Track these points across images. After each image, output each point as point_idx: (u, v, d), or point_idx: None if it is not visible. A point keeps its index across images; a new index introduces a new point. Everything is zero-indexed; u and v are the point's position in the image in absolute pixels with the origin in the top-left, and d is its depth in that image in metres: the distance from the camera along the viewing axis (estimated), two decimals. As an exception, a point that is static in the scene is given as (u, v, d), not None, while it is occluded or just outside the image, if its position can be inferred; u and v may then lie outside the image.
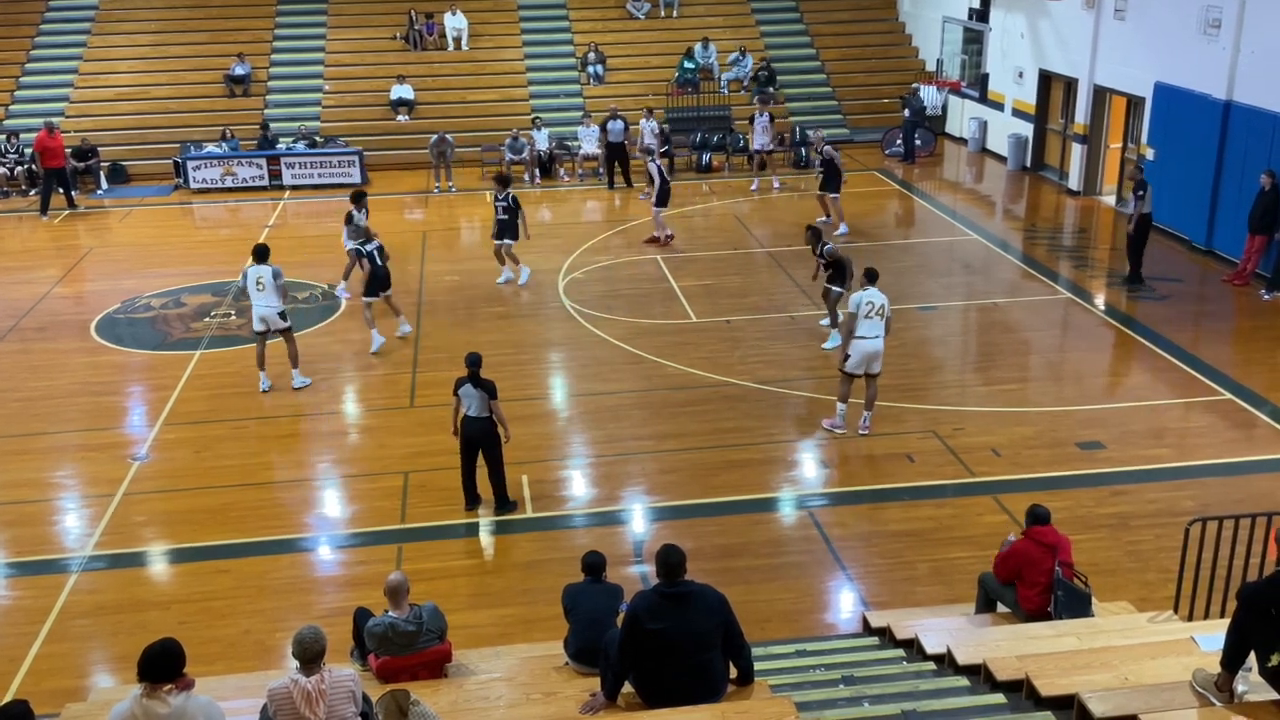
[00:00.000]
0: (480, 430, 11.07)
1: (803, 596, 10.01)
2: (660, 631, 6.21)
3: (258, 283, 13.78)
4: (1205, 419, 13.14)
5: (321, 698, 5.88)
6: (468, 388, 10.94)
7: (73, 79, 27.78)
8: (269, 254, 14.03)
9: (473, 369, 10.93)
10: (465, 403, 11.03)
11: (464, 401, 11.03)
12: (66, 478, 12.45)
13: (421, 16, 29.12)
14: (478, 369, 10.95)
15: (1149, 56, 20.29)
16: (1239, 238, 17.65)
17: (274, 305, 13.88)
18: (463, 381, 10.97)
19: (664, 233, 19.93)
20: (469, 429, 11.10)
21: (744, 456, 12.38)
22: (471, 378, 10.92)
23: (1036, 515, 8.39)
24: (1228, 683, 5.93)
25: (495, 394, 10.97)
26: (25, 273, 19.39)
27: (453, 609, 8.57)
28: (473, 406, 11.00)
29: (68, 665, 9.28)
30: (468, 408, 11.03)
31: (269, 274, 13.76)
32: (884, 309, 12.41)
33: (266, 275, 13.77)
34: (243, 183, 24.85)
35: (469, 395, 10.96)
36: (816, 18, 30.77)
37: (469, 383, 10.92)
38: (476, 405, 10.97)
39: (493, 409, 10.99)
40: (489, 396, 10.93)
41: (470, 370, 10.94)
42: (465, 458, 11.30)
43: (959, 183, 25.36)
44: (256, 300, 13.90)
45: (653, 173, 20.02)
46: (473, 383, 10.91)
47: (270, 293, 13.81)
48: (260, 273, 13.78)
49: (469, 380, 10.92)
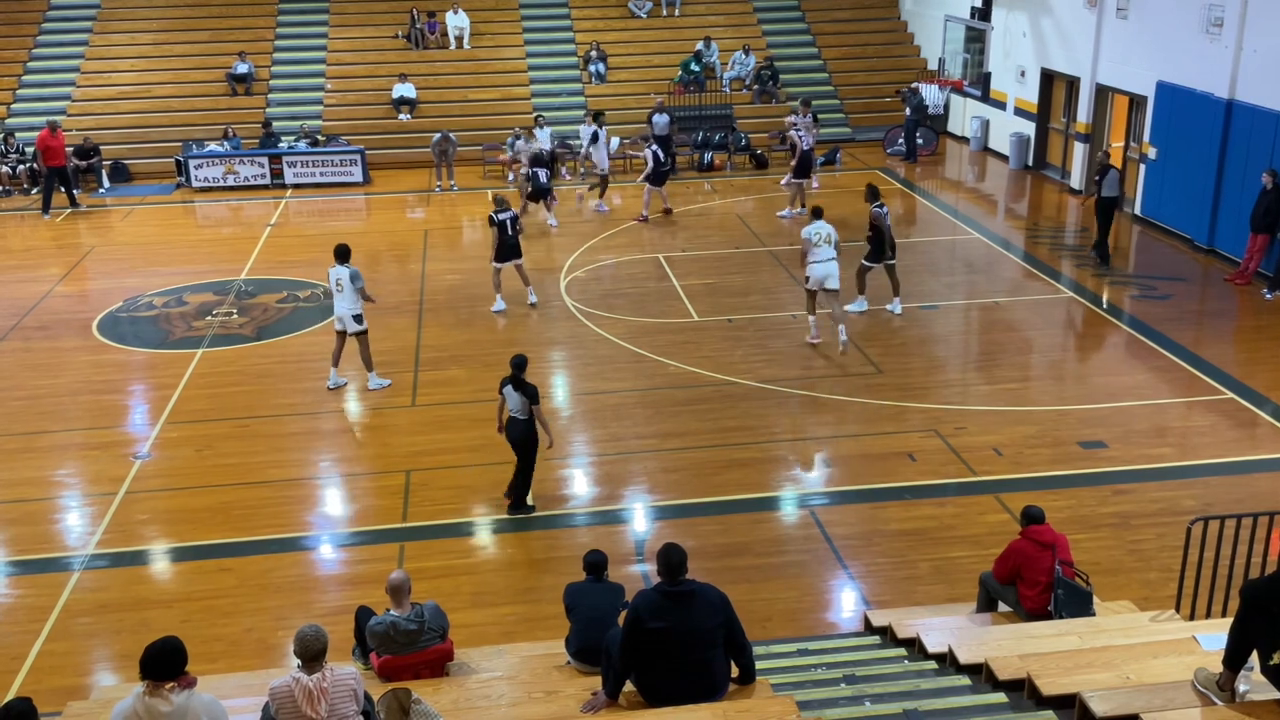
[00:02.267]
0: (519, 431, 11.06)
1: (804, 595, 10.01)
2: (662, 630, 6.21)
3: (337, 284, 13.69)
4: (1207, 418, 13.13)
5: (323, 696, 5.89)
6: (509, 389, 10.95)
7: (75, 77, 27.80)
8: (349, 254, 13.89)
9: (516, 371, 10.92)
10: (509, 402, 11.02)
11: (507, 401, 11.03)
12: (68, 476, 12.46)
13: (423, 15, 29.12)
14: (521, 371, 10.93)
15: (1151, 55, 20.28)
16: (1241, 237, 17.63)
17: (349, 307, 13.74)
18: (506, 382, 10.99)
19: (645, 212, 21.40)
20: (512, 428, 11.11)
21: (745, 455, 12.38)
22: (514, 380, 10.90)
23: (1031, 515, 8.47)
24: (1229, 682, 5.93)
25: (536, 399, 10.95)
26: (27, 271, 19.40)
27: (454, 608, 8.58)
28: (514, 407, 11.01)
29: (70, 663, 9.29)
30: (510, 407, 11.04)
31: (347, 275, 13.66)
32: (831, 236, 15.00)
33: (345, 276, 13.66)
34: (244, 181, 24.86)
35: (510, 396, 10.97)
36: (818, 16, 30.77)
37: (511, 384, 10.93)
38: (517, 406, 10.98)
39: (534, 413, 10.97)
40: (530, 401, 10.92)
41: (514, 372, 10.92)
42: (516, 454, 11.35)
43: (961, 182, 25.35)
44: (336, 300, 13.81)
45: (647, 157, 21.39)
46: (514, 385, 10.91)
47: (347, 294, 13.69)
48: (340, 274, 13.68)
49: (511, 382, 10.92)
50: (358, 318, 13.89)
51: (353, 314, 13.82)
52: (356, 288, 13.76)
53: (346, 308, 13.80)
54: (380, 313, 15.84)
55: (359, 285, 13.80)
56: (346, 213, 23.58)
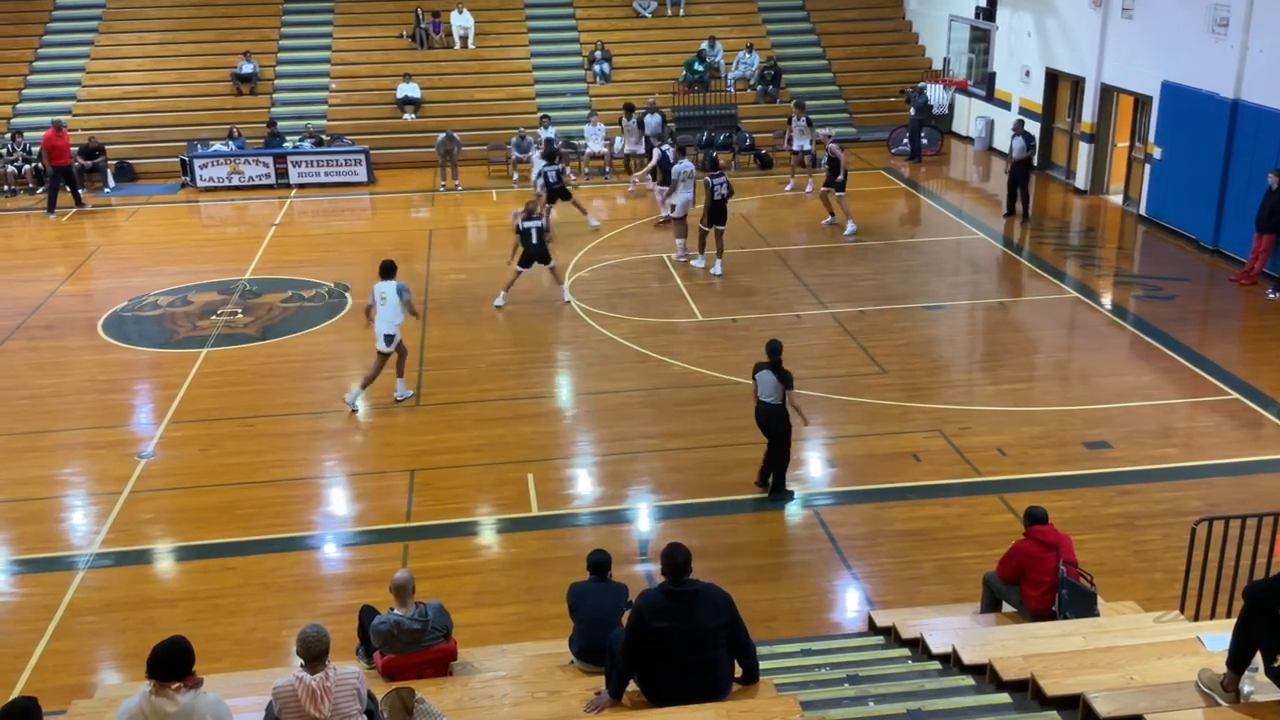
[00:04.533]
0: (770, 416, 11.14)
1: (808, 595, 10.01)
2: (665, 630, 6.22)
3: (381, 298, 13.45)
4: (1212, 419, 13.11)
5: (326, 695, 5.90)
6: (765, 373, 11.06)
7: (80, 77, 27.84)
8: (395, 270, 13.73)
9: (774, 356, 11.05)
10: (760, 388, 11.12)
11: (759, 386, 11.12)
12: (73, 475, 12.48)
13: (428, 15, 29.14)
14: (779, 357, 11.05)
15: (1156, 55, 20.24)
16: (1246, 237, 17.59)
17: (394, 319, 13.50)
18: (761, 367, 11.11)
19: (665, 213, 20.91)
20: (763, 412, 11.18)
21: (750, 455, 12.34)
22: (772, 365, 11.02)
23: (1034, 516, 8.49)
24: (1233, 683, 5.92)
25: (792, 384, 11.07)
26: (32, 271, 19.44)
27: (458, 607, 8.58)
28: (766, 392, 11.09)
29: (75, 662, 9.31)
30: (761, 392, 11.12)
31: (393, 289, 13.49)
32: (692, 173, 18.94)
33: (391, 290, 13.49)
34: (249, 181, 24.88)
35: (765, 381, 11.08)
36: (823, 16, 30.75)
37: (767, 369, 11.04)
38: (771, 391, 11.07)
39: (788, 398, 11.07)
40: (786, 386, 11.03)
41: (771, 358, 11.05)
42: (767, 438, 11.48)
43: (965, 181, 25.33)
44: (380, 316, 13.46)
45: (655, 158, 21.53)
46: (771, 369, 11.01)
47: (391, 307, 13.48)
48: (385, 289, 13.48)
49: (768, 367, 11.04)
50: (389, 338, 13.49)
51: (386, 334, 13.45)
52: (405, 300, 13.55)
53: (390, 321, 13.46)
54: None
55: (407, 298, 13.61)
56: (351, 212, 23.60)
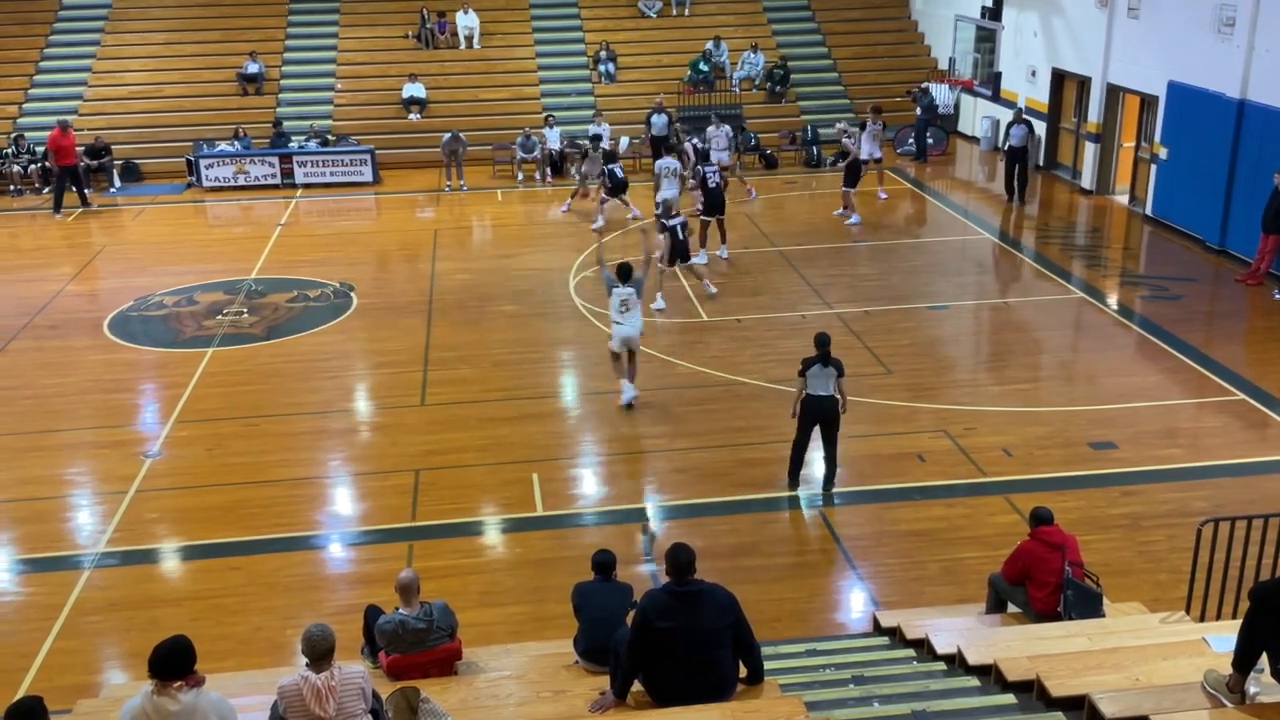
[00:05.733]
0: (829, 407, 11.18)
1: (813, 596, 10.00)
2: (670, 630, 6.21)
3: (622, 304, 13.32)
4: (1218, 419, 13.08)
5: (331, 694, 5.90)
6: (818, 368, 11.06)
7: (86, 77, 27.89)
8: (632, 272, 13.51)
9: (824, 348, 11.07)
10: (812, 383, 11.11)
11: (810, 382, 11.11)
12: (79, 475, 12.50)
13: (433, 15, 29.15)
14: (828, 348, 11.08)
15: (1162, 55, 20.20)
16: (1253, 237, 17.56)
17: (639, 325, 13.43)
18: (812, 362, 11.10)
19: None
20: (818, 407, 11.17)
21: (755, 455, 12.36)
22: (823, 357, 11.04)
23: (1039, 516, 8.48)
24: (1239, 684, 5.91)
25: (843, 371, 11.15)
26: (38, 270, 19.48)
27: (463, 607, 8.59)
28: (819, 386, 11.11)
29: (80, 661, 9.32)
30: (813, 387, 11.12)
31: (633, 295, 13.35)
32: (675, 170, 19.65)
33: (631, 296, 13.34)
34: (255, 181, 24.91)
35: (818, 376, 11.07)
36: (828, 16, 30.72)
37: (820, 362, 11.05)
38: (826, 384, 11.10)
39: (839, 386, 11.13)
40: (840, 375, 11.09)
41: (822, 349, 11.07)
42: (804, 435, 11.44)
43: (971, 181, 25.30)
44: (628, 320, 13.31)
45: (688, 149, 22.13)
46: (825, 361, 11.04)
47: (634, 313, 13.36)
48: (625, 294, 13.34)
49: (819, 360, 11.05)
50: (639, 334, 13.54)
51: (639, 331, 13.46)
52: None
53: (636, 326, 13.38)
54: (389, 312, 15.85)
55: None
56: (356, 212, 23.63)
